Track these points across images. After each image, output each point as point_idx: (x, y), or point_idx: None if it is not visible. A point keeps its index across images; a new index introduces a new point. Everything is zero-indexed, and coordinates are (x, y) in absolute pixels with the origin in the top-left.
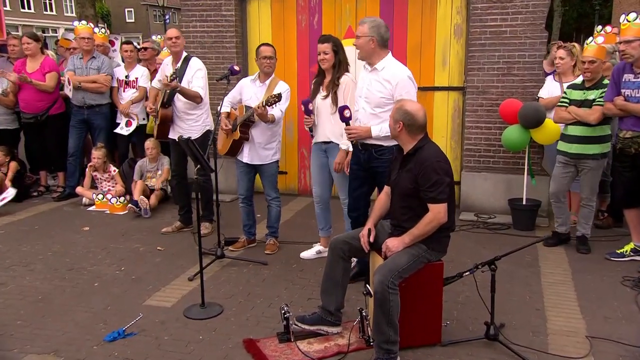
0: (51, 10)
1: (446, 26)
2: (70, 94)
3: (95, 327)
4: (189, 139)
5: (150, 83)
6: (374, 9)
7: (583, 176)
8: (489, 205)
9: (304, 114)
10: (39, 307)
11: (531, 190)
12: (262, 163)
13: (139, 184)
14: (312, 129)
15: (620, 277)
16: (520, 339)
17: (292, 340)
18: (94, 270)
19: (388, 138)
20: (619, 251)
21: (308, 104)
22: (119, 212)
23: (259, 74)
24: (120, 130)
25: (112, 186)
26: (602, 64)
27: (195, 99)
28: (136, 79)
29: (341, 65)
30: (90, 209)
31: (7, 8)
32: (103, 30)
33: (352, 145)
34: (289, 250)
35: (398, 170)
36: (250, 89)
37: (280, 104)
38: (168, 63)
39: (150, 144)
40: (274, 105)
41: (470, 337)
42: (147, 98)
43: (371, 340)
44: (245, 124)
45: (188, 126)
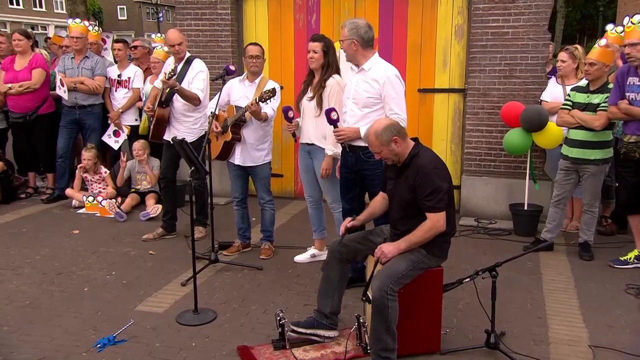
0: (41, 6)
1: (447, 27)
2: (65, 95)
3: (85, 334)
4: (183, 140)
5: (144, 83)
6: (373, 8)
7: (584, 182)
8: (490, 210)
9: (285, 120)
10: (27, 313)
11: (533, 195)
12: (255, 164)
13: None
14: (295, 134)
15: (624, 285)
16: (521, 348)
17: (288, 347)
18: (83, 275)
19: None
20: (622, 258)
21: (288, 111)
22: (109, 215)
23: (246, 74)
24: (107, 140)
25: (103, 188)
26: (605, 67)
27: (194, 100)
28: (129, 78)
29: (330, 67)
30: (80, 211)
31: None
32: (97, 28)
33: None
34: (284, 255)
35: (395, 180)
36: (239, 89)
37: (272, 102)
38: (170, 63)
39: (139, 145)
40: (268, 102)
41: (470, 346)
42: (141, 99)
43: (368, 348)
44: (237, 124)
45: (185, 128)
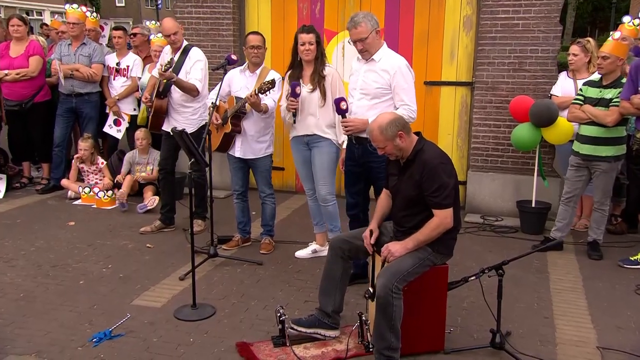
0: None
1: (455, 17)
2: (63, 81)
3: (80, 328)
4: (183, 131)
5: (142, 71)
6: None
7: (595, 179)
8: (497, 207)
9: (291, 96)
10: (21, 306)
11: (541, 192)
12: (255, 157)
13: (127, 180)
14: (296, 114)
15: (634, 285)
16: (527, 348)
17: (288, 344)
18: (79, 268)
19: None
20: (632, 258)
21: (295, 87)
22: (106, 207)
23: (247, 64)
24: (109, 130)
25: (100, 179)
26: (619, 61)
27: (192, 91)
28: (127, 67)
29: (323, 57)
30: (76, 202)
31: None
32: (95, 14)
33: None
34: (285, 250)
35: (398, 177)
36: (239, 80)
37: (272, 93)
38: (167, 52)
39: (141, 134)
40: (267, 93)
41: (475, 345)
42: (139, 89)
43: (371, 347)
44: (237, 115)
45: (184, 119)
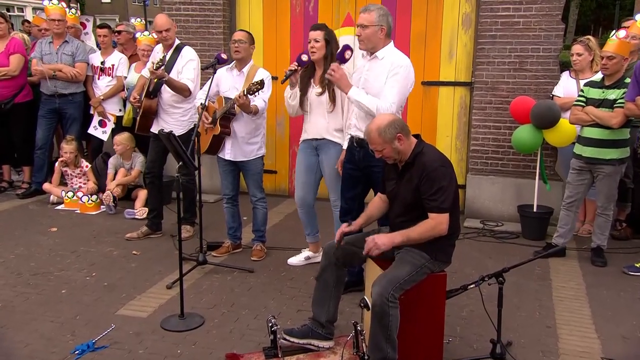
0: None
1: (454, 15)
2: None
3: (62, 339)
4: (171, 133)
5: (128, 71)
6: None
7: (598, 183)
8: (497, 211)
9: (297, 63)
10: None
11: (543, 196)
12: (246, 159)
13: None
14: (293, 81)
15: (639, 293)
16: (529, 359)
17: (280, 355)
18: (61, 276)
19: None
20: (637, 265)
21: (302, 54)
22: (90, 212)
23: (234, 63)
24: (94, 132)
25: (84, 183)
26: (624, 60)
27: (183, 92)
28: (112, 65)
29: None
30: (59, 207)
31: None
32: (74, 10)
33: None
34: (277, 256)
35: (396, 181)
36: (227, 80)
37: (262, 94)
38: (159, 50)
39: (121, 139)
40: (256, 94)
41: (474, 356)
42: (125, 89)
43: (366, 357)
44: (226, 117)
45: (174, 120)
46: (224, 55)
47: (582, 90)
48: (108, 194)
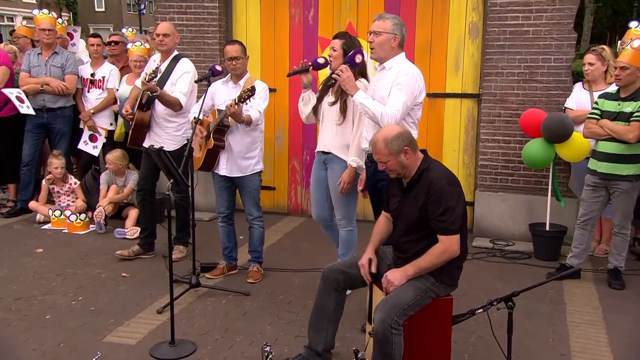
0: None
1: (460, 24)
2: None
3: None
4: (161, 149)
5: (120, 83)
6: (378, 2)
7: (615, 200)
8: (507, 230)
9: (311, 64)
10: None
11: (556, 214)
12: (242, 175)
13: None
14: (304, 83)
15: None
16: None
17: None
18: (46, 300)
19: None
20: None
21: (320, 57)
22: (79, 232)
23: (230, 75)
24: (84, 147)
25: (72, 201)
26: (639, 71)
27: (174, 106)
28: (103, 77)
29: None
30: (46, 227)
31: None
32: (60, 20)
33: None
34: (275, 278)
35: (400, 198)
36: (223, 92)
37: (258, 104)
38: (156, 60)
39: (112, 158)
40: (248, 101)
41: None
42: (117, 101)
43: None
44: (219, 129)
45: (167, 135)
46: (219, 67)
47: (597, 103)
48: (100, 210)
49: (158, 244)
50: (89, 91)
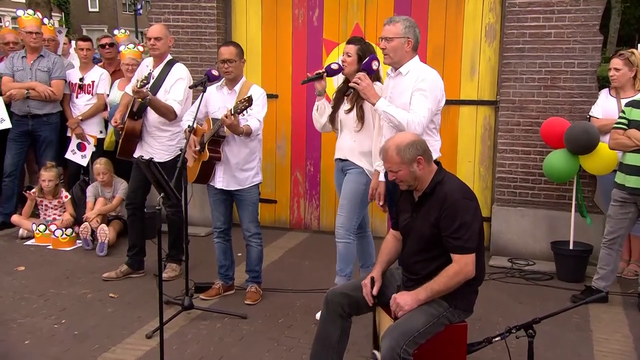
0: None
1: (476, 27)
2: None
3: None
4: (151, 160)
5: (110, 88)
6: (387, 2)
7: None
8: (527, 248)
9: (325, 71)
10: None
11: (580, 231)
12: (240, 188)
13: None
14: (319, 90)
15: None
16: None
17: None
18: (25, 324)
19: None
20: None
21: (334, 63)
22: (64, 248)
23: (225, 80)
24: (72, 157)
25: (59, 215)
26: None
27: (168, 114)
28: (92, 82)
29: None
30: (29, 243)
31: None
32: (46, 20)
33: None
34: (274, 300)
35: (411, 214)
36: (217, 99)
37: (256, 113)
38: (148, 64)
39: (101, 168)
40: (245, 112)
41: None
42: (107, 108)
43: None
44: (215, 140)
45: (159, 145)
46: (215, 72)
47: (624, 112)
48: (86, 225)
49: (148, 262)
50: (77, 97)
